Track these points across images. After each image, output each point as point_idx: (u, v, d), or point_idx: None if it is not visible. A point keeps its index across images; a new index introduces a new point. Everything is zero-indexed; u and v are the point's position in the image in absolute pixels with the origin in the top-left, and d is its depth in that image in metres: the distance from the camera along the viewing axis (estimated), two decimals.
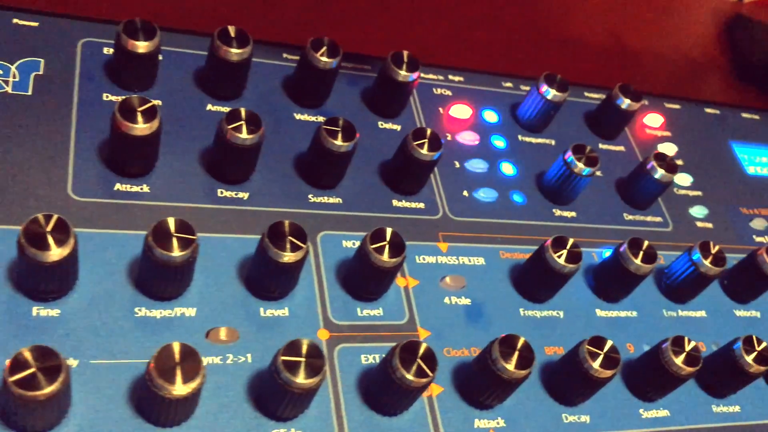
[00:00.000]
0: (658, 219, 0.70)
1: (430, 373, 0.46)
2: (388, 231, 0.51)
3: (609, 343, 0.51)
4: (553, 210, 0.66)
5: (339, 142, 0.55)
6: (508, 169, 0.67)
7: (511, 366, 0.48)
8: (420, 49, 0.65)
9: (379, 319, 0.53)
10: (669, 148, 0.77)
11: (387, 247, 0.50)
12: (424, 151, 0.57)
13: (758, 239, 0.74)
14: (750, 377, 0.57)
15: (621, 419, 0.56)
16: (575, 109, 0.76)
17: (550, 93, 0.68)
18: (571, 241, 0.56)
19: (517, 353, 0.49)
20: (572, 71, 0.82)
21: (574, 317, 0.60)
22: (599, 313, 0.61)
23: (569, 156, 0.63)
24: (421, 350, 0.46)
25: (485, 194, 0.64)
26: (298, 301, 0.52)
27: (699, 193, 0.75)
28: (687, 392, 0.59)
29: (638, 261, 0.58)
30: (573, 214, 0.67)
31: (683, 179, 0.75)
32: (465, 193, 0.64)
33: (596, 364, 0.50)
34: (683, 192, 0.74)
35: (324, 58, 0.59)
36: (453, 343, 0.54)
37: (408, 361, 0.46)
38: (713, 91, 1.17)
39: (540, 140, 0.71)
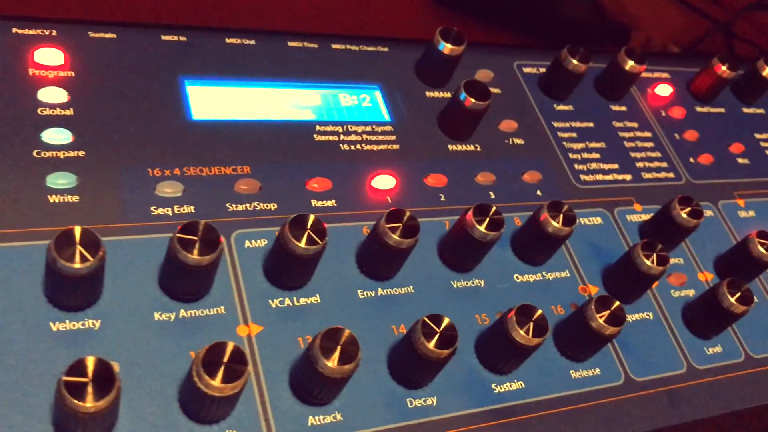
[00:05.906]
0: None
1: None
2: None
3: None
4: None
5: None
6: None
7: None
8: None
9: None
10: (54, 94, 0.59)
11: None
12: None
13: (157, 211, 0.57)
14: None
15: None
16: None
17: None
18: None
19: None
20: None
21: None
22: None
23: None
24: None
25: None
26: None
27: (80, 153, 0.57)
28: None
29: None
30: None
31: (54, 136, 0.57)
32: None
33: None
34: (50, 154, 0.56)
35: None
36: None
37: None
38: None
39: None
